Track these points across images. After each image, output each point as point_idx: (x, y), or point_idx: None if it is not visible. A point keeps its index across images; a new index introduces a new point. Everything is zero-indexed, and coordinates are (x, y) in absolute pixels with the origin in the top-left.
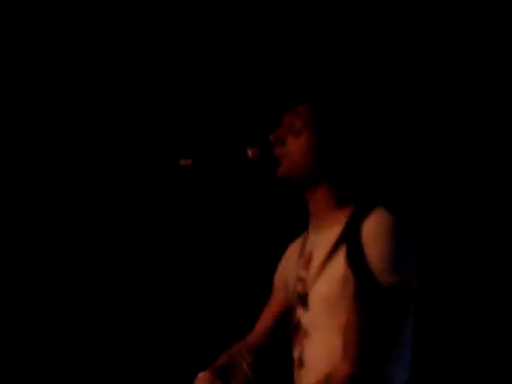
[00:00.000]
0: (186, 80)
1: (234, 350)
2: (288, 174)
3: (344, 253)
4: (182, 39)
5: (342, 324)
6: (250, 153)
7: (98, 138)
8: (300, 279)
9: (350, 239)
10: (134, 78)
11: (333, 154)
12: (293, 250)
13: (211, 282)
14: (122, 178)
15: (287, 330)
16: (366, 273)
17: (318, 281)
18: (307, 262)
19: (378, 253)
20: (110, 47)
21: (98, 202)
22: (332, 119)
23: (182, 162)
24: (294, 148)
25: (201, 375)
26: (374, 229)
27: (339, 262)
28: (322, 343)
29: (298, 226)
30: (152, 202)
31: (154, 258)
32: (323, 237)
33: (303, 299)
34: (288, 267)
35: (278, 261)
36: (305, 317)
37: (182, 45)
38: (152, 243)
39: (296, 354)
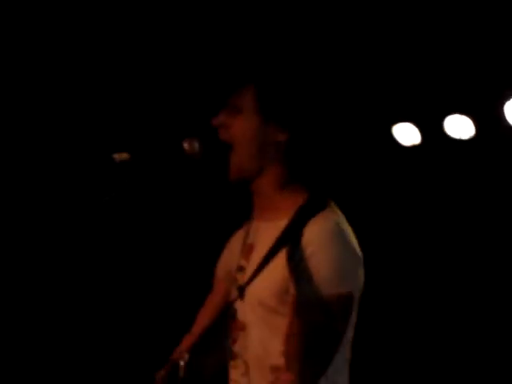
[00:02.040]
0: (121, 72)
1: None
2: (239, 172)
3: (285, 255)
4: (116, 34)
5: (278, 325)
6: (186, 145)
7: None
8: (240, 269)
9: (293, 243)
10: (68, 73)
11: (279, 131)
12: (235, 239)
13: (153, 278)
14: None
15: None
16: (308, 283)
17: (255, 278)
18: (249, 251)
19: (320, 264)
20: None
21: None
22: (277, 96)
23: (117, 156)
24: (238, 128)
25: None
26: (316, 237)
27: (279, 264)
28: (257, 340)
29: (241, 217)
30: (88, 196)
31: (95, 253)
32: (268, 228)
33: (241, 290)
34: (230, 257)
35: (219, 252)
36: (241, 309)
37: (115, 38)
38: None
39: (229, 344)
